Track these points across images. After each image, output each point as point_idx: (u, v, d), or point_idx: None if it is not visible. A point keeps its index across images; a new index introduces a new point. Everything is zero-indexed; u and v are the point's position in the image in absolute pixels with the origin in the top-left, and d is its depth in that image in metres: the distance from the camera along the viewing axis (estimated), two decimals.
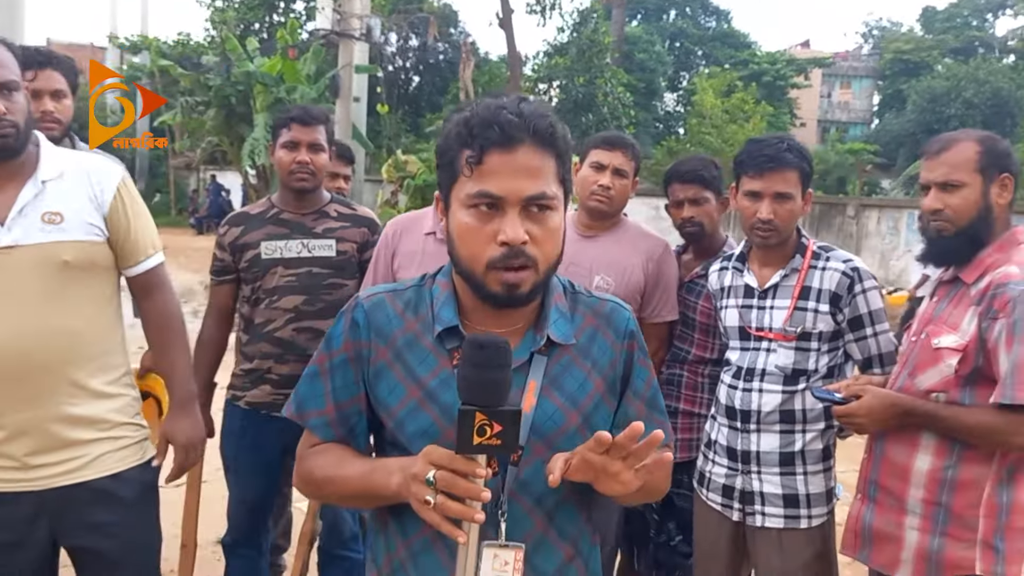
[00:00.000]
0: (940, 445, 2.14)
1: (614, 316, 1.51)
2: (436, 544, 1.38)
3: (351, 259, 2.95)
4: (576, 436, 1.39)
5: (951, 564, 2.12)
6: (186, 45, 21.33)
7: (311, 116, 2.89)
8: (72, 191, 2.04)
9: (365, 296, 1.48)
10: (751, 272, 2.55)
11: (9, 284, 1.94)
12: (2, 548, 2.00)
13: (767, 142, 2.46)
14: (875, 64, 44.95)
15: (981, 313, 2.07)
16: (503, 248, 1.31)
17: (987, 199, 2.15)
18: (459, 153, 1.34)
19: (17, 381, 1.94)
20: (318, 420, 1.47)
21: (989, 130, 2.39)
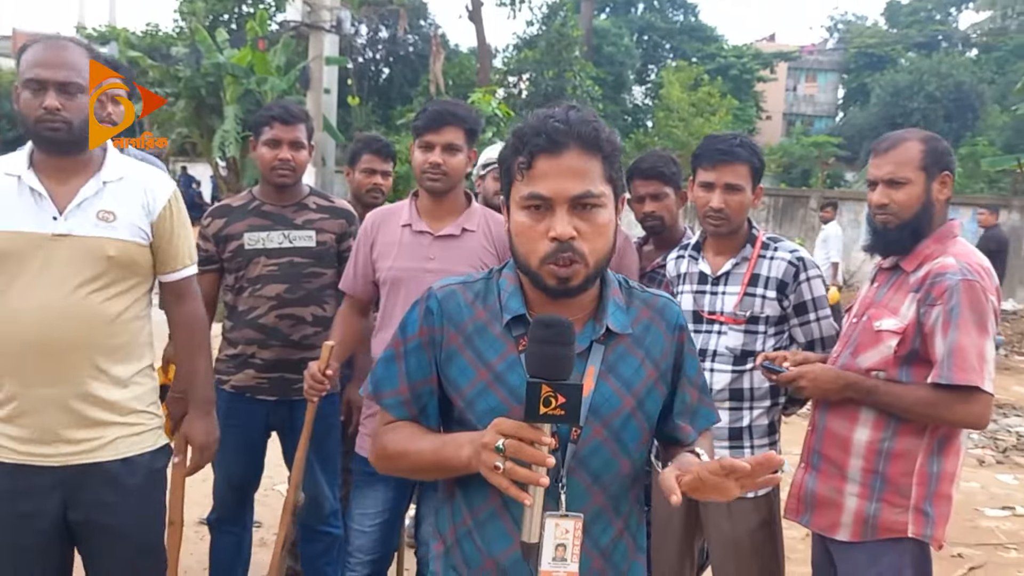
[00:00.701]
0: (878, 419, 2.34)
1: (667, 310, 1.64)
2: (502, 514, 1.51)
3: (330, 249, 3.11)
4: (630, 418, 1.54)
5: (885, 527, 2.32)
6: (155, 36, 21.15)
7: (292, 115, 3.04)
8: (128, 195, 2.23)
9: (438, 287, 1.61)
10: (705, 260, 2.75)
11: (56, 268, 2.13)
12: (20, 517, 2.17)
13: (721, 138, 2.66)
14: (840, 58, 45.50)
15: (920, 300, 2.27)
16: (553, 243, 1.44)
17: (929, 195, 2.35)
18: (513, 161, 1.49)
19: (47, 357, 2.12)
20: (392, 400, 1.60)
21: (951, 123, 2.63)
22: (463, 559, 1.56)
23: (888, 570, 2.32)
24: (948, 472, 2.32)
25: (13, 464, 2.16)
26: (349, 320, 2.91)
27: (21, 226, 2.13)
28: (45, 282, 2.13)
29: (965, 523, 5.17)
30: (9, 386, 2.16)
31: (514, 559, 1.49)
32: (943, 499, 2.32)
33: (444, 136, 2.70)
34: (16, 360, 2.13)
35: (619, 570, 1.58)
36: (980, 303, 2.22)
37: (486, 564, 1.53)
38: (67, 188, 2.17)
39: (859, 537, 2.36)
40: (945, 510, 2.33)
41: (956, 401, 2.20)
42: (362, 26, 25.98)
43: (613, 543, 1.56)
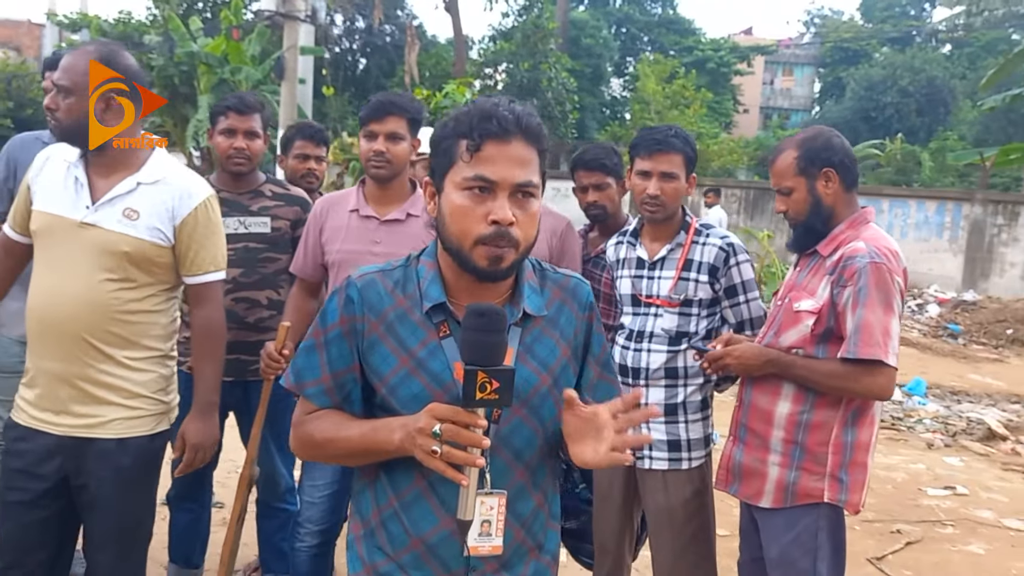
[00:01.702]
0: (797, 393, 2.49)
1: (578, 290, 1.70)
2: (427, 494, 1.54)
3: (284, 235, 3.21)
4: (547, 396, 1.59)
5: (803, 493, 2.47)
6: (127, 24, 20.96)
7: (247, 105, 3.14)
8: (156, 197, 2.35)
9: (357, 275, 1.62)
10: (642, 246, 2.87)
11: (76, 254, 2.29)
12: (23, 474, 2.35)
13: (658, 129, 2.80)
14: (816, 52, 45.88)
15: (833, 281, 2.42)
16: (493, 227, 1.47)
17: (814, 194, 2.51)
18: (456, 142, 1.50)
19: (56, 335, 2.29)
20: (315, 389, 1.61)
21: (923, 118, 2.79)
22: (388, 539, 1.59)
23: (805, 532, 2.47)
24: (862, 442, 2.48)
25: (26, 426, 2.37)
26: (300, 302, 3.02)
27: (60, 210, 2.31)
28: (67, 265, 2.29)
29: (907, 502, 5.35)
30: (30, 354, 2.38)
31: (441, 536, 1.53)
32: (858, 467, 2.47)
33: (387, 125, 2.81)
34: (34, 333, 2.35)
35: (537, 539, 1.64)
36: (886, 283, 2.36)
37: (413, 544, 1.56)
38: (106, 182, 2.33)
39: (780, 503, 2.50)
40: (860, 477, 2.47)
41: (862, 374, 2.34)
42: (338, 16, 25.93)
43: (533, 515, 1.62)
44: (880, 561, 4.41)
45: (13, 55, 25.25)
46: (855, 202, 2.57)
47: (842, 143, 2.54)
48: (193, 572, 3.45)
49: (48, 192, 2.34)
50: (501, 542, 1.54)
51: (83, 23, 20.19)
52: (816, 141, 2.52)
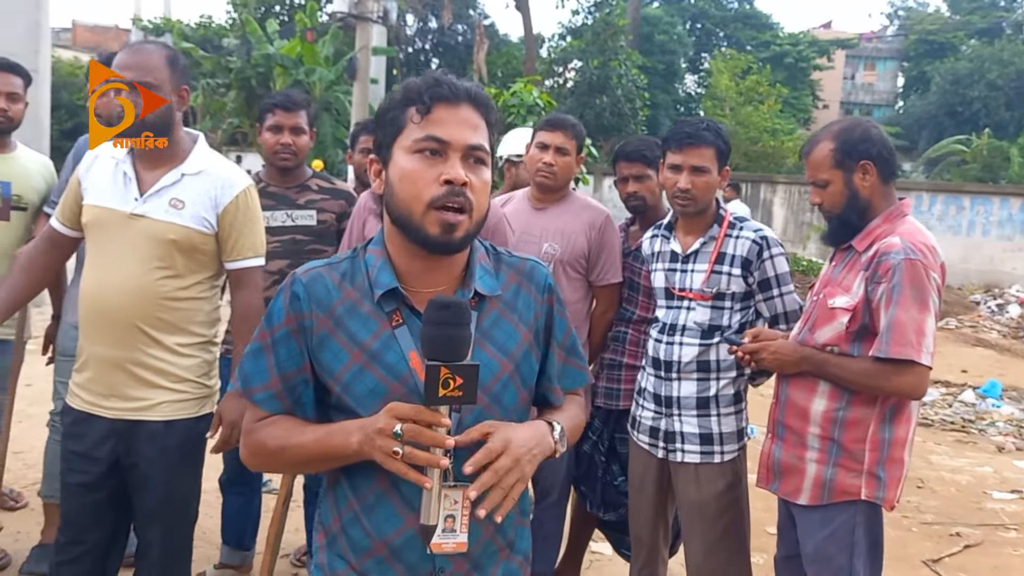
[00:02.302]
0: (833, 390, 2.46)
1: (535, 273, 1.63)
2: (390, 495, 1.47)
3: (330, 228, 3.31)
4: (508, 382, 1.53)
5: (840, 490, 2.44)
6: (208, 27, 21.70)
7: (292, 102, 3.25)
8: (201, 187, 2.48)
9: (302, 271, 1.55)
10: (676, 239, 2.87)
11: (126, 244, 2.41)
12: (82, 457, 2.49)
13: (689, 122, 2.79)
14: (900, 45, 44.52)
15: (868, 278, 2.38)
16: (446, 187, 1.42)
17: (851, 187, 2.46)
18: (404, 110, 1.47)
19: (108, 321, 2.42)
20: (263, 394, 1.53)
21: (1012, 112, 2.70)
22: (349, 546, 1.52)
23: (841, 528, 2.44)
24: (900, 438, 2.44)
25: (80, 410, 2.49)
26: None
27: (109, 203, 2.43)
28: (118, 255, 2.42)
29: (970, 504, 5.20)
30: (82, 341, 2.50)
31: (405, 538, 1.46)
32: (895, 463, 2.44)
33: None
34: (86, 320, 2.47)
35: (507, 538, 1.58)
36: (921, 281, 2.31)
37: (376, 547, 1.49)
38: (153, 175, 2.45)
39: (817, 500, 2.48)
40: (896, 473, 2.44)
41: (892, 373, 2.30)
42: (411, 16, 26.26)
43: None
44: (936, 563, 4.31)
45: None
46: (892, 195, 2.51)
47: (880, 134, 2.48)
48: (244, 553, 3.59)
49: (98, 187, 2.46)
50: (466, 539, 1.46)
51: (166, 27, 20.94)
52: (854, 133, 2.46)
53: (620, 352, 3.27)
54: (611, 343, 3.31)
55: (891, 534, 4.67)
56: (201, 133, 2.61)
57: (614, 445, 3.26)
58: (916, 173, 28.34)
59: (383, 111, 1.52)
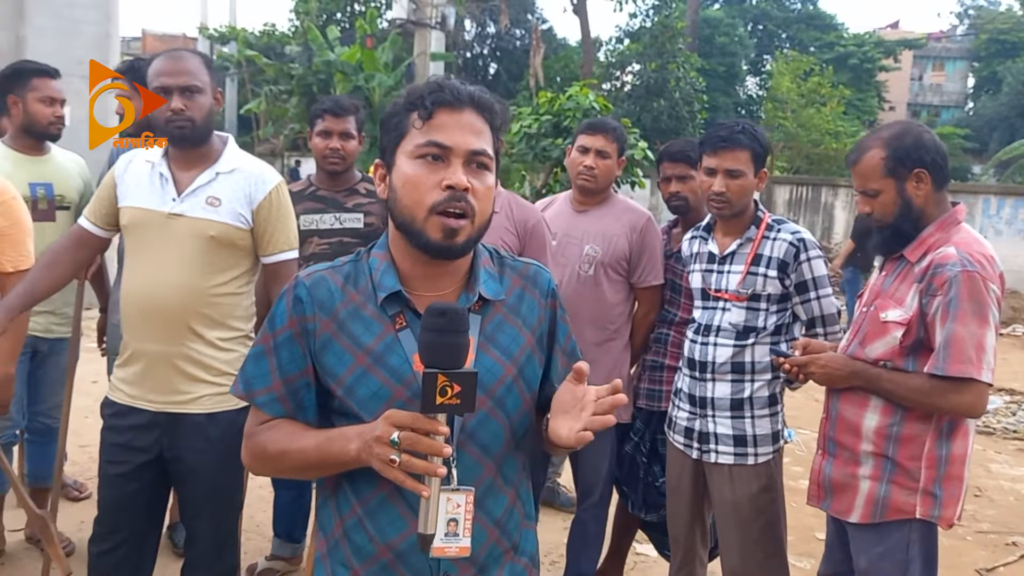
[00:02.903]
0: (886, 406, 2.36)
1: (538, 277, 1.62)
2: (394, 498, 1.45)
3: (377, 230, 3.39)
4: (512, 386, 1.52)
5: (895, 508, 2.36)
6: (271, 35, 22.22)
7: (342, 108, 3.35)
8: (235, 185, 2.57)
9: (305, 274, 1.54)
10: (714, 240, 2.89)
11: (166, 243, 2.50)
12: (123, 448, 2.57)
13: (725, 125, 2.80)
14: (970, 45, 43.36)
15: (922, 290, 2.29)
16: (447, 192, 1.41)
17: (904, 196, 2.35)
18: (407, 115, 1.47)
19: (153, 317, 2.51)
20: (265, 397, 1.52)
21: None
22: (353, 551, 1.50)
23: (896, 546, 2.37)
24: (957, 455, 2.35)
25: (122, 404, 2.57)
26: None
27: (148, 204, 2.52)
28: (159, 253, 2.50)
29: None
30: (127, 337, 2.58)
31: (410, 543, 1.44)
32: (953, 480, 2.34)
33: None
34: (132, 316, 2.55)
35: (512, 540, 1.56)
36: (980, 293, 2.22)
37: (380, 552, 1.47)
38: (188, 175, 2.53)
39: (869, 519, 2.41)
40: (955, 491, 2.35)
41: (949, 390, 2.22)
42: (469, 21, 26.46)
43: (506, 513, 1.55)
44: (989, 573, 4.21)
45: None
46: (946, 202, 2.41)
47: (933, 139, 2.39)
48: (295, 546, 3.70)
49: (136, 189, 2.54)
50: (469, 543, 1.45)
51: (231, 36, 21.51)
52: (905, 139, 2.35)
53: (662, 354, 3.29)
54: (653, 345, 3.34)
55: (944, 543, 4.56)
56: (230, 135, 2.70)
57: (656, 446, 3.28)
58: (986, 176, 27.54)
59: (387, 116, 1.52)
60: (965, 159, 31.21)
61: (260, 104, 19.23)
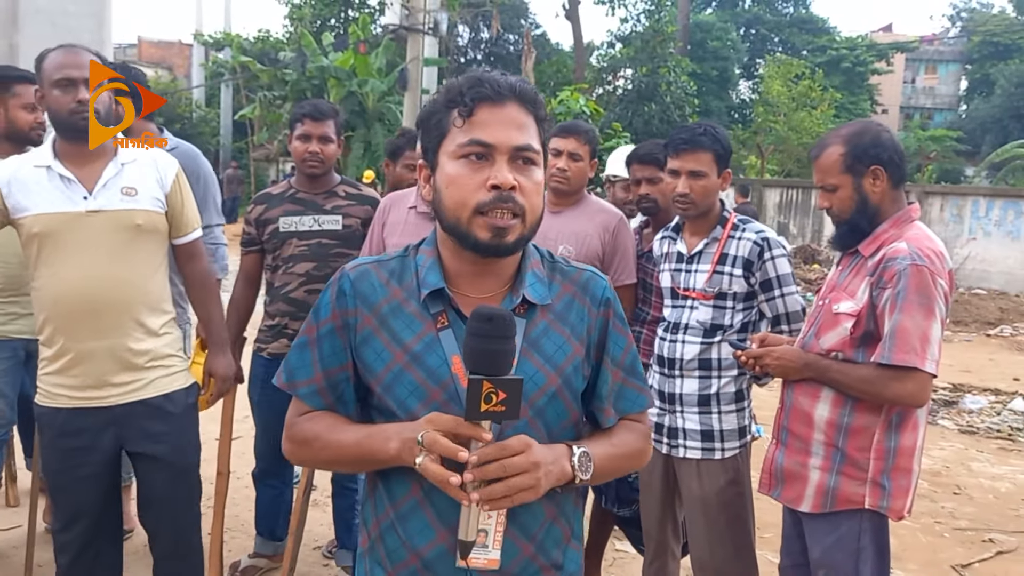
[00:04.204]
0: (837, 396, 2.42)
1: (591, 284, 1.54)
2: (424, 505, 1.42)
3: (355, 232, 3.45)
4: (556, 398, 1.45)
5: (844, 498, 2.42)
6: (265, 41, 22.31)
7: (321, 112, 3.40)
8: (144, 172, 2.63)
9: (351, 267, 1.51)
10: (682, 240, 2.96)
11: (91, 240, 2.52)
12: (79, 451, 2.60)
13: (688, 128, 2.87)
14: (963, 48, 43.53)
15: (873, 283, 2.36)
16: (493, 192, 1.36)
17: (861, 192, 2.42)
18: (447, 113, 1.41)
19: (94, 316, 2.53)
20: (307, 388, 1.50)
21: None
22: (387, 554, 1.47)
23: (847, 535, 2.43)
24: (906, 447, 2.39)
25: (70, 408, 2.56)
26: None
27: (58, 207, 2.49)
28: (85, 252, 2.50)
29: (1008, 512, 5.13)
30: (63, 342, 2.54)
31: (438, 552, 1.41)
32: (901, 472, 2.40)
33: None
34: (67, 320, 2.53)
35: (552, 558, 1.48)
36: (927, 287, 2.27)
37: (410, 558, 1.43)
38: (91, 171, 2.53)
39: (820, 508, 2.47)
40: (904, 483, 2.41)
41: (893, 379, 2.27)
42: (463, 27, 26.57)
43: (543, 529, 1.47)
44: (965, 568, 4.27)
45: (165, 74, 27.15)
46: (902, 200, 2.48)
47: (891, 138, 2.46)
48: (277, 544, 3.75)
49: (36, 196, 2.50)
50: (498, 555, 1.39)
51: (226, 42, 21.58)
52: (864, 137, 2.43)
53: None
54: None
55: (922, 540, 4.66)
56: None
57: None
58: (979, 178, 27.67)
59: (427, 115, 1.47)
60: (958, 161, 31.34)
61: (255, 110, 19.29)
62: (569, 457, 1.40)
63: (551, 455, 1.36)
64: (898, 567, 4.18)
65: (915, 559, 4.35)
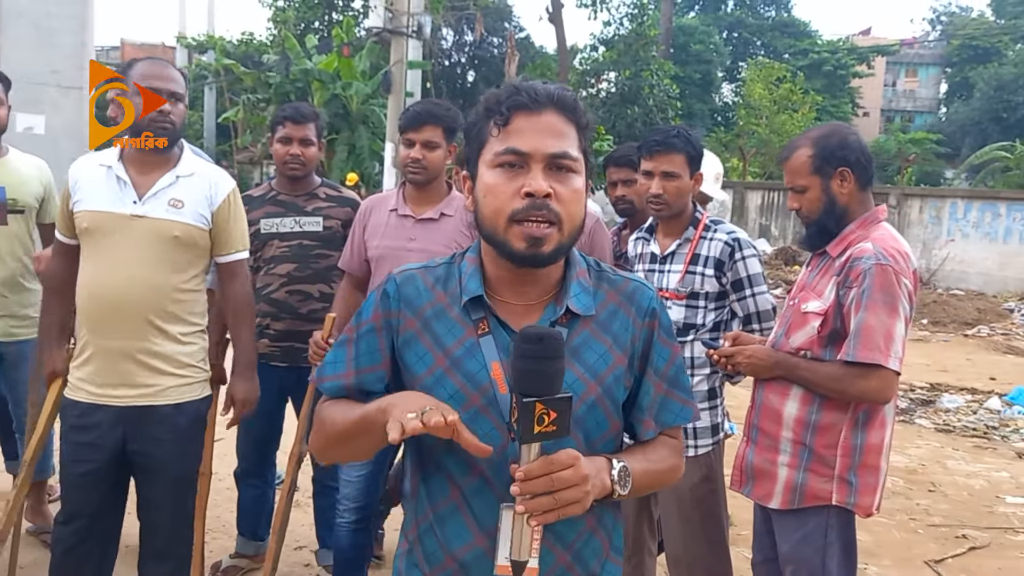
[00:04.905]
0: (805, 394, 2.47)
1: (637, 294, 1.53)
2: (462, 509, 1.43)
3: (336, 233, 3.49)
4: (596, 407, 1.44)
5: (812, 495, 2.47)
6: (249, 44, 22.26)
7: (301, 115, 3.45)
8: (195, 188, 2.71)
9: (398, 271, 1.54)
10: (656, 241, 3.02)
11: (130, 243, 2.61)
12: (86, 446, 2.66)
13: (661, 130, 2.93)
14: (942, 51, 43.96)
15: (840, 282, 2.41)
16: (527, 200, 1.36)
17: (829, 194, 2.48)
18: (486, 123, 1.43)
19: (118, 315, 2.61)
20: (333, 383, 1.52)
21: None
22: (424, 556, 1.49)
23: (815, 531, 2.48)
24: (873, 444, 2.44)
25: (86, 403, 2.65)
26: (348, 294, 3.29)
27: (108, 207, 2.61)
28: (122, 253, 2.60)
29: (981, 508, 5.21)
30: (87, 336, 2.65)
31: (474, 555, 1.42)
32: (868, 469, 2.43)
33: (423, 134, 3.04)
34: (94, 315, 2.63)
35: (589, 568, 1.48)
36: (891, 286, 2.32)
37: (447, 561, 1.45)
38: (147, 178, 2.65)
39: (788, 504, 2.52)
40: (871, 480, 2.46)
41: (858, 376, 2.33)
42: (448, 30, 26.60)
43: (582, 539, 1.46)
44: (938, 564, 4.33)
45: None
46: (869, 201, 2.54)
47: (858, 141, 2.52)
48: (259, 544, 3.77)
49: (93, 193, 2.64)
50: (537, 564, 1.38)
51: (209, 44, 21.54)
52: (831, 139, 2.48)
53: None
54: None
55: (896, 536, 4.74)
56: (183, 140, 2.83)
57: None
58: (959, 180, 27.96)
59: (469, 125, 1.49)
60: (938, 164, 31.64)
61: (238, 112, 19.27)
62: (609, 471, 1.40)
63: (592, 468, 1.35)
64: (872, 563, 4.26)
65: (889, 555, 4.42)
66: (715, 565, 2.95)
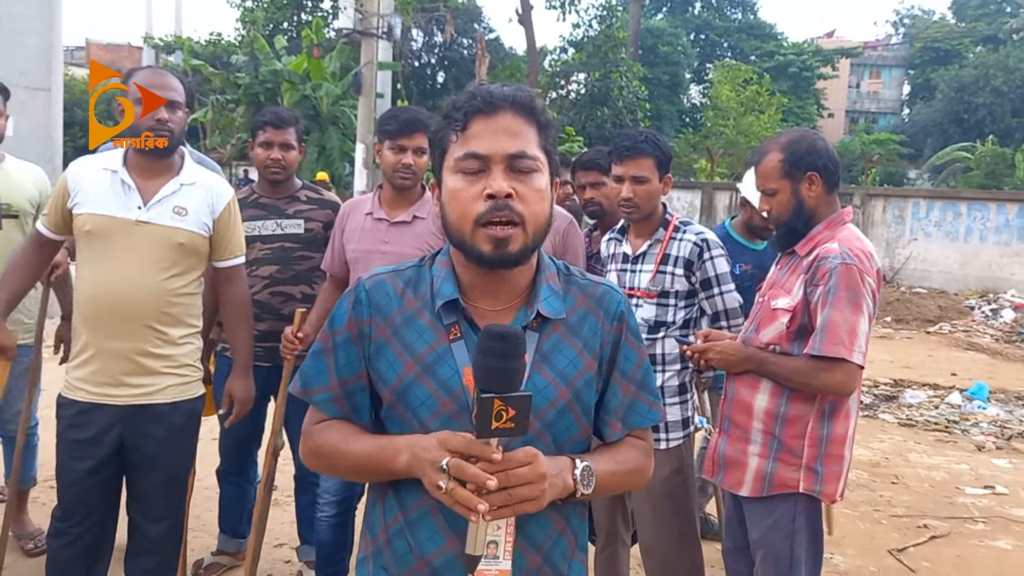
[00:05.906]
0: (775, 388, 2.58)
1: (606, 298, 1.55)
2: (434, 513, 1.43)
3: (317, 236, 3.56)
4: (566, 412, 1.46)
5: (780, 483, 2.59)
6: (217, 44, 22.14)
7: (282, 120, 3.51)
8: (198, 196, 2.79)
9: (367, 276, 1.53)
10: (628, 242, 3.13)
11: (133, 248, 2.68)
12: (83, 444, 2.72)
13: (629, 135, 3.03)
14: (905, 53, 44.68)
15: (807, 280, 2.54)
16: (489, 202, 1.37)
17: (798, 196, 2.60)
18: (447, 130, 1.44)
19: (118, 317, 2.68)
20: (322, 396, 1.52)
21: (1018, 118, 2.78)
22: (394, 559, 1.48)
23: (783, 518, 2.60)
24: (838, 435, 2.56)
25: (85, 402, 2.71)
26: (329, 295, 3.37)
27: (112, 211, 2.67)
28: (125, 258, 2.66)
29: (942, 499, 5.38)
30: (88, 337, 2.71)
31: (446, 560, 1.42)
32: (833, 459, 2.56)
33: (415, 141, 3.13)
34: (95, 317, 2.69)
35: (558, 569, 1.50)
36: (856, 284, 2.44)
37: (417, 565, 1.45)
38: (152, 185, 2.72)
39: (758, 492, 2.63)
40: (836, 468, 2.59)
41: (823, 370, 2.44)
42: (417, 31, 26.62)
43: (551, 541, 1.48)
44: (900, 553, 4.48)
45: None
46: (836, 203, 2.66)
47: (826, 146, 2.64)
48: (240, 541, 3.84)
49: (96, 197, 2.69)
50: (509, 566, 1.41)
51: (176, 45, 21.38)
52: (800, 145, 2.60)
53: None
54: None
55: (860, 526, 4.89)
56: (185, 148, 2.91)
57: None
58: (921, 180, 28.45)
59: (433, 134, 1.50)
60: (901, 164, 32.18)
61: (207, 113, 19.16)
62: (572, 470, 1.41)
63: (555, 467, 1.37)
64: (837, 552, 4.40)
65: (854, 545, 4.56)
66: (685, 554, 3.06)
